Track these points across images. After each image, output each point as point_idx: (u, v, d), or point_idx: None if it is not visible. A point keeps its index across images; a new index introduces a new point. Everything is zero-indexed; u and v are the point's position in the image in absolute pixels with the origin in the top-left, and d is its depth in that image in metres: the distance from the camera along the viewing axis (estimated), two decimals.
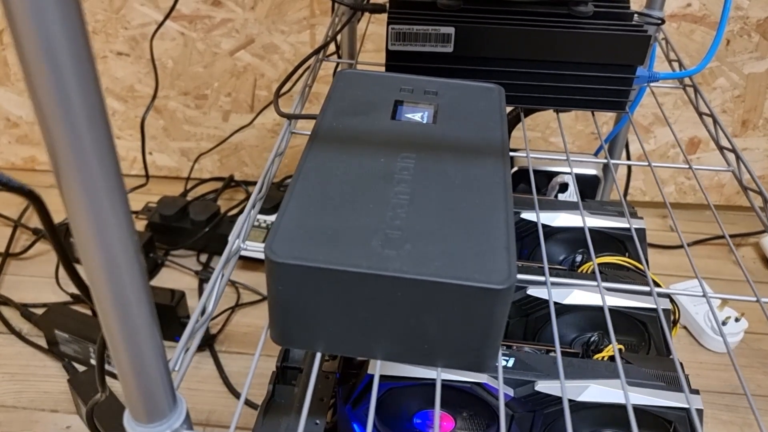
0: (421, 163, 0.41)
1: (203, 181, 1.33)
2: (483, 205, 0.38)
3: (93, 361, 0.94)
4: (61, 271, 1.09)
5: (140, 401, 0.29)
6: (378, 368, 0.39)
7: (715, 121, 0.59)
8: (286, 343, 0.37)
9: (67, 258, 0.27)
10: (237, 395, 0.92)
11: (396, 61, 0.59)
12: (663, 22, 0.74)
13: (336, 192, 0.38)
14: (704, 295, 0.43)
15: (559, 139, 1.22)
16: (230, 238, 0.44)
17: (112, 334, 0.27)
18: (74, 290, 1.08)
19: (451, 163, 0.42)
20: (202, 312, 0.39)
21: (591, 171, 0.81)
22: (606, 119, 1.19)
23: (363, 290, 0.34)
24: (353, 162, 0.41)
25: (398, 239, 0.35)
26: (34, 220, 1.22)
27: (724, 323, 0.98)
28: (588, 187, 0.82)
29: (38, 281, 1.10)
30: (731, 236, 1.21)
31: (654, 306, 0.59)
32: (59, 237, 0.26)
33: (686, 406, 0.49)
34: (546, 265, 0.46)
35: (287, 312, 0.36)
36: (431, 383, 0.52)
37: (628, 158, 1.01)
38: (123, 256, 0.24)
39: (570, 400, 0.51)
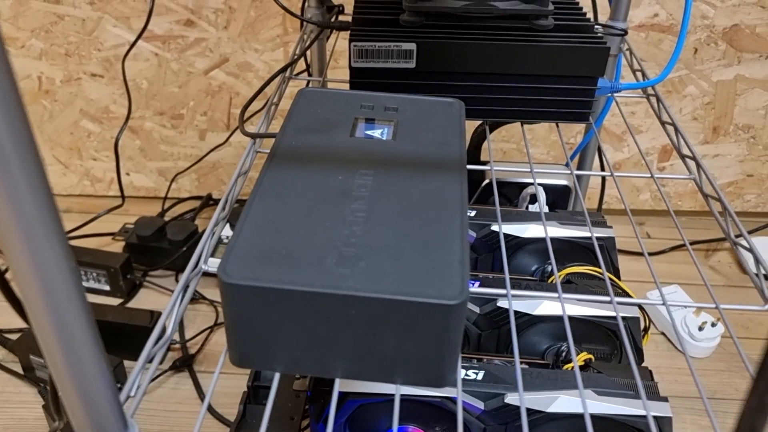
0: (379, 179, 0.42)
1: (181, 200, 1.33)
2: (438, 220, 0.38)
3: None
4: None
5: (88, 430, 0.29)
6: (337, 386, 0.39)
7: (677, 130, 0.60)
8: (244, 364, 0.37)
9: (8, 285, 0.27)
10: (217, 416, 0.91)
11: (359, 78, 0.59)
12: (626, 33, 0.75)
13: (292, 211, 0.38)
14: (664, 303, 0.44)
15: (534, 150, 1.23)
16: (192, 260, 0.44)
17: (54, 362, 0.26)
18: None
19: (408, 179, 0.42)
20: (161, 335, 0.39)
21: (562, 181, 0.82)
22: (580, 129, 1.20)
23: (317, 309, 0.34)
24: (311, 180, 0.41)
25: (353, 257, 0.35)
26: None
27: (700, 328, 0.99)
28: (560, 197, 0.83)
29: None
30: (707, 241, 1.22)
31: (623, 314, 0.59)
32: None
33: (654, 414, 0.50)
34: (507, 278, 0.46)
35: (243, 333, 0.35)
36: (403, 399, 0.52)
37: (602, 167, 1.02)
38: (61, 284, 0.24)
39: (540, 411, 0.51)
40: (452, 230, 0.37)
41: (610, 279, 0.64)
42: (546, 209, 0.75)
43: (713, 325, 0.99)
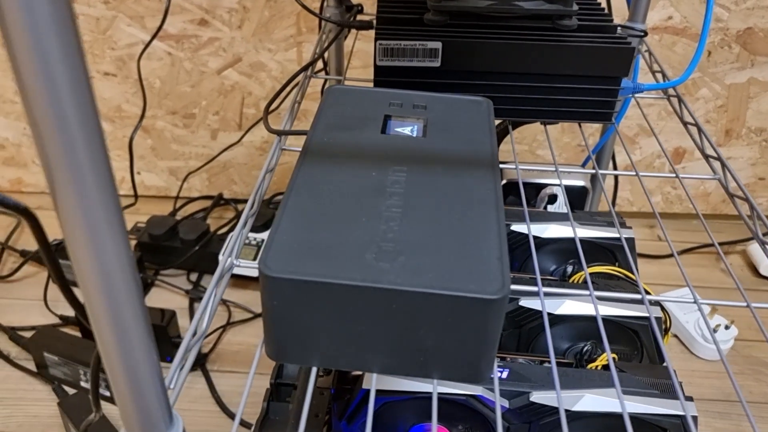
0: (413, 176, 0.42)
1: (192, 199, 1.33)
2: (475, 216, 0.38)
3: (83, 384, 0.93)
4: (50, 293, 1.08)
5: (136, 420, 0.29)
6: (374, 383, 0.39)
7: (700, 130, 0.60)
8: (281, 358, 0.37)
9: (63, 276, 0.27)
10: (230, 415, 0.91)
11: (384, 77, 0.59)
12: (646, 34, 0.75)
13: (328, 206, 0.38)
14: (695, 302, 0.44)
15: (546, 152, 1.23)
16: (222, 256, 0.44)
17: (108, 353, 0.26)
18: (63, 312, 1.07)
19: (442, 175, 0.42)
20: (196, 330, 0.39)
21: (579, 182, 0.82)
22: (592, 131, 1.21)
23: (357, 303, 0.34)
24: (345, 176, 0.41)
25: (392, 252, 0.35)
26: (22, 242, 1.21)
27: (714, 331, 0.99)
28: (576, 198, 0.83)
29: (26, 304, 1.09)
30: (719, 244, 1.23)
31: (645, 314, 0.59)
32: (53, 254, 0.26)
33: (680, 413, 0.50)
34: (539, 276, 0.46)
35: (282, 327, 0.36)
36: (426, 397, 0.52)
37: (615, 169, 1.02)
38: (120, 274, 0.24)
39: (565, 410, 0.51)
40: (489, 226, 0.37)
41: (632, 279, 0.64)
42: (566, 209, 0.75)
43: (727, 327, 0.99)
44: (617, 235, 0.66)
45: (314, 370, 0.38)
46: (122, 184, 1.33)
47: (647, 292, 0.62)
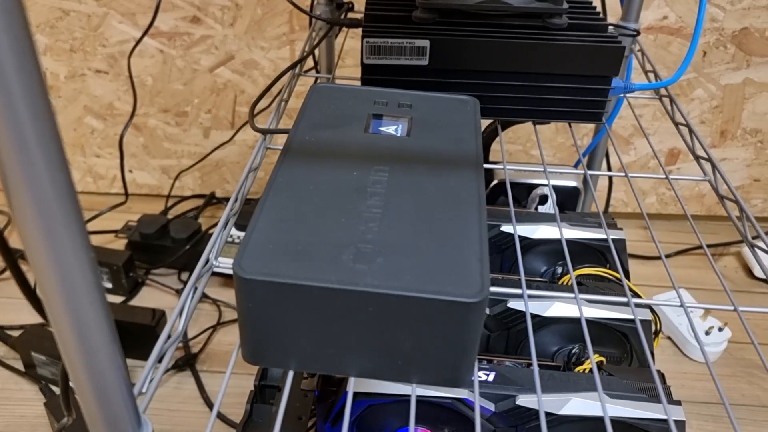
0: (395, 176, 0.41)
1: (184, 198, 1.32)
2: (456, 217, 0.38)
3: (71, 384, 0.92)
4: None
5: (102, 425, 0.28)
6: (351, 386, 0.38)
7: (691, 131, 0.59)
8: (258, 361, 0.36)
9: (21, 274, 0.26)
10: (219, 415, 0.91)
11: (371, 75, 0.58)
12: (638, 33, 0.75)
13: (307, 206, 0.38)
14: (682, 305, 0.43)
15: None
16: (203, 256, 0.43)
17: (70, 357, 0.26)
18: None
19: (424, 175, 0.41)
20: (170, 333, 0.38)
21: (571, 183, 0.81)
22: (586, 131, 1.20)
23: (334, 306, 0.33)
24: (325, 176, 0.40)
25: (370, 253, 0.35)
26: (11, 241, 1.20)
27: (707, 333, 0.98)
28: (568, 198, 0.82)
29: (15, 302, 1.08)
30: (713, 246, 1.22)
31: (634, 317, 0.58)
32: (12, 254, 0.25)
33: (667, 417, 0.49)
34: (523, 278, 0.46)
35: (257, 329, 0.35)
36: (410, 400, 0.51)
37: (609, 170, 1.02)
38: (79, 276, 0.24)
39: (552, 414, 0.50)
40: (471, 228, 0.37)
41: (621, 281, 0.63)
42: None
43: (720, 330, 0.98)
44: (607, 237, 0.65)
45: (291, 372, 0.37)
46: (114, 183, 1.32)
47: (636, 294, 0.62)
